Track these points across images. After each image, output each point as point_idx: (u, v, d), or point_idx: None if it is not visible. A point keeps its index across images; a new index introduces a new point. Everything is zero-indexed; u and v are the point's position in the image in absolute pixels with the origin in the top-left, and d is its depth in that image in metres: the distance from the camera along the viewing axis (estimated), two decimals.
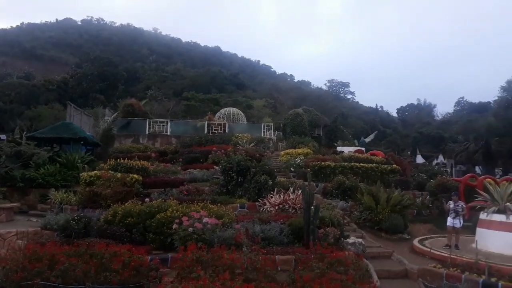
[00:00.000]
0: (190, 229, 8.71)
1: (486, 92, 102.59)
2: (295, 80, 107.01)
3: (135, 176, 15.51)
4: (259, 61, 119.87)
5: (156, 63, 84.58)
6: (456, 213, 11.57)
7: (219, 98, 57.36)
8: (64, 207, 13.64)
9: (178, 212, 9.68)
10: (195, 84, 67.02)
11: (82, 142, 20.91)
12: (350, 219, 13.88)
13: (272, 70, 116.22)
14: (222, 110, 38.67)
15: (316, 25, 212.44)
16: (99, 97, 55.14)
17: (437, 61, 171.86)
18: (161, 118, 35.92)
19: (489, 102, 57.73)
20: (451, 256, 9.55)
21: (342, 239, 9.96)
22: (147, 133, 30.96)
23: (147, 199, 12.09)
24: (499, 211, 11.31)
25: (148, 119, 32.59)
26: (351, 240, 9.89)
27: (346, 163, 20.75)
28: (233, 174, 14.65)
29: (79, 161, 18.16)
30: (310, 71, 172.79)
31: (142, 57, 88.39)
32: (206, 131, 30.62)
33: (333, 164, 20.28)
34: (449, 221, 11.63)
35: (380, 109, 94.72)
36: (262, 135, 31.83)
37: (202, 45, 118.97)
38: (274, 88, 75.35)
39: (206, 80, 71.29)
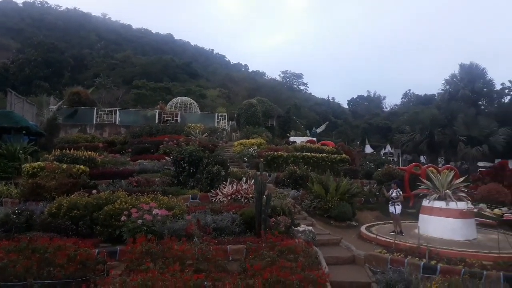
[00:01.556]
0: (140, 221, 8.52)
1: (433, 85, 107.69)
2: (250, 71, 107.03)
3: (82, 167, 14.92)
4: (212, 50, 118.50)
5: (105, 50, 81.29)
6: (393, 200, 12.19)
7: (171, 87, 56.28)
8: (4, 200, 12.84)
9: (127, 204, 9.47)
10: (146, 72, 65.22)
11: (24, 132, 19.78)
12: (301, 208, 14.17)
13: (226, 59, 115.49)
14: (174, 100, 37.91)
15: (276, 17, 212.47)
16: (43, 84, 52.17)
17: (388, 55, 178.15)
18: (110, 107, 34.72)
19: (434, 95, 60.69)
20: (396, 241, 10.02)
21: (293, 227, 10.12)
22: (94, 122, 29.83)
23: (94, 191, 11.65)
24: (440, 198, 11.95)
25: (95, 108, 31.39)
26: (301, 228, 10.09)
27: (298, 153, 21.12)
28: (185, 164, 14.46)
29: (21, 151, 17.17)
30: (265, 62, 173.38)
31: (90, 43, 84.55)
32: (157, 121, 29.98)
33: (286, 154, 20.58)
34: (390, 208, 12.28)
35: (332, 100, 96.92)
36: (216, 125, 31.64)
37: (154, 32, 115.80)
38: (228, 78, 75.02)
39: (158, 69, 69.55)
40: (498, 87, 48.82)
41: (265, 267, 6.76)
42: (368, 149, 45.17)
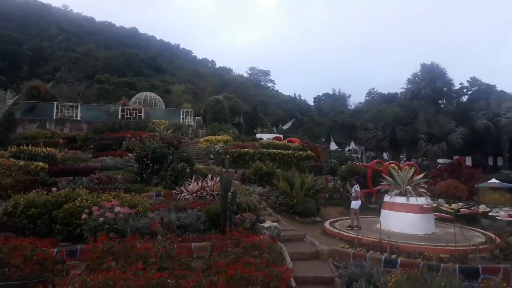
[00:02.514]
0: (101, 219, 8.30)
1: (396, 84, 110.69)
2: (217, 66, 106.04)
3: (41, 164, 14.36)
4: (178, 45, 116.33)
5: (66, 43, 78.32)
6: (351, 196, 12.62)
7: (135, 82, 55.01)
8: None
9: (88, 202, 9.23)
10: (109, 67, 63.38)
11: None
12: (266, 204, 14.24)
13: (193, 55, 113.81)
14: (138, 95, 37.07)
15: (245, 14, 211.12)
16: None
17: (353, 54, 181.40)
18: (71, 102, 33.51)
19: (396, 94, 62.37)
20: (358, 236, 10.25)
21: (258, 223, 10.16)
22: (55, 118, 28.71)
23: (54, 189, 11.23)
24: (400, 194, 12.29)
25: (56, 103, 30.18)
26: (266, 224, 10.13)
27: (264, 150, 21.21)
28: (149, 161, 14.23)
29: None
30: (233, 58, 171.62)
31: (50, 35, 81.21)
32: (120, 117, 29.24)
33: (252, 151, 20.62)
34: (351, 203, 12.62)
35: (298, 98, 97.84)
36: (181, 122, 31.30)
37: (118, 25, 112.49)
38: (194, 73, 74.07)
39: (122, 63, 67.77)
40: (457, 86, 51.03)
41: (230, 264, 6.74)
42: (333, 146, 45.97)
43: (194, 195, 12.87)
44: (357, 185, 12.68)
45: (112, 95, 43.61)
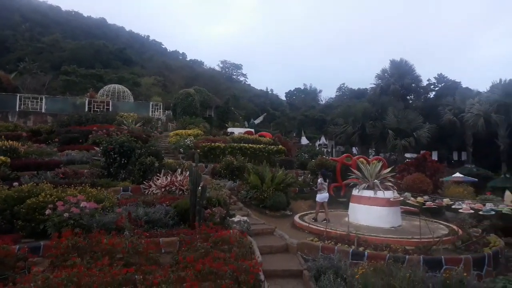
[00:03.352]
0: (66, 215, 8.07)
1: (366, 79, 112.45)
2: (188, 59, 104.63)
3: (2, 158, 13.81)
4: (148, 36, 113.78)
5: (31, 32, 75.26)
6: (316, 188, 12.88)
7: (103, 74, 53.61)
8: None
9: (53, 197, 8.96)
10: (76, 58, 61.46)
11: None
12: (237, 199, 14.23)
13: (163, 47, 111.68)
14: (106, 87, 36.05)
15: (218, 7, 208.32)
16: None
17: (326, 50, 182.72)
18: (36, 93, 32.34)
19: (366, 89, 63.41)
20: (327, 229, 10.38)
21: (228, 218, 10.14)
22: (17, 110, 27.63)
23: (15, 183, 10.82)
24: (368, 188, 12.49)
25: (19, 95, 29.06)
26: (236, 218, 10.12)
27: (235, 144, 21.15)
28: (116, 155, 13.93)
29: None
30: (205, 52, 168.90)
31: (14, 24, 77.79)
32: (87, 110, 28.42)
33: (223, 145, 20.52)
34: None
35: (270, 92, 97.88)
36: (150, 115, 30.74)
37: (85, 15, 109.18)
38: (164, 65, 72.81)
39: (89, 54, 65.86)
40: (425, 83, 52.51)
41: (198, 258, 6.70)
42: (304, 141, 46.41)
43: (163, 189, 12.70)
44: (321, 178, 12.74)
45: (79, 87, 42.40)
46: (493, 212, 10.17)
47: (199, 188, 9.55)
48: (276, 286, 7.49)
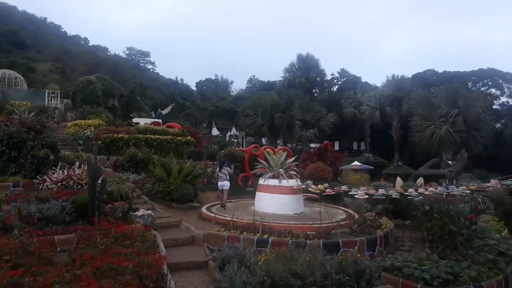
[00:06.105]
0: None
1: (277, 72, 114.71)
2: (90, 44, 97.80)
3: None
4: (46, 18, 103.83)
5: None
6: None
7: None
8: None
9: None
10: None
11: None
12: (141, 192, 13.79)
13: (63, 30, 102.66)
14: None
15: None
16: None
17: (238, 41, 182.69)
18: None
19: (275, 82, 65.21)
20: (233, 219, 10.50)
21: (131, 212, 9.79)
22: None
23: None
24: (273, 177, 12.89)
25: None
26: (140, 212, 9.79)
27: (140, 135, 20.37)
28: (4, 148, 12.67)
29: None
30: (110, 38, 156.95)
31: None
32: None
33: (127, 136, 19.64)
34: None
35: (180, 82, 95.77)
36: (47, 104, 28.41)
37: None
38: (63, 50, 67.23)
39: None
40: (329, 77, 55.69)
41: (97, 255, 6.41)
42: (215, 132, 46.40)
43: (60, 184, 11.80)
44: (218, 168, 13.82)
45: None
46: (383, 197, 11.09)
47: (99, 181, 9.03)
48: (181, 279, 7.40)
